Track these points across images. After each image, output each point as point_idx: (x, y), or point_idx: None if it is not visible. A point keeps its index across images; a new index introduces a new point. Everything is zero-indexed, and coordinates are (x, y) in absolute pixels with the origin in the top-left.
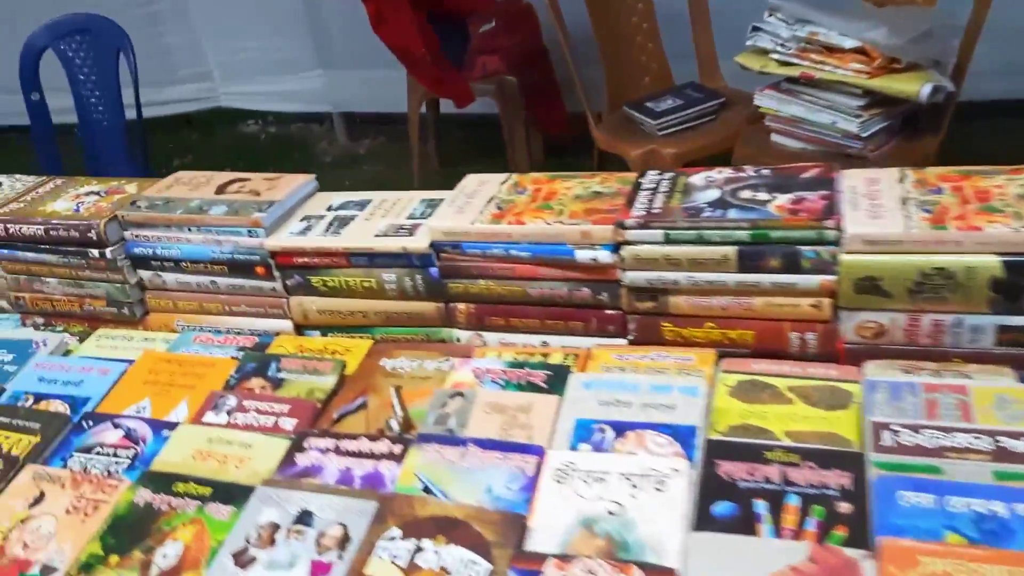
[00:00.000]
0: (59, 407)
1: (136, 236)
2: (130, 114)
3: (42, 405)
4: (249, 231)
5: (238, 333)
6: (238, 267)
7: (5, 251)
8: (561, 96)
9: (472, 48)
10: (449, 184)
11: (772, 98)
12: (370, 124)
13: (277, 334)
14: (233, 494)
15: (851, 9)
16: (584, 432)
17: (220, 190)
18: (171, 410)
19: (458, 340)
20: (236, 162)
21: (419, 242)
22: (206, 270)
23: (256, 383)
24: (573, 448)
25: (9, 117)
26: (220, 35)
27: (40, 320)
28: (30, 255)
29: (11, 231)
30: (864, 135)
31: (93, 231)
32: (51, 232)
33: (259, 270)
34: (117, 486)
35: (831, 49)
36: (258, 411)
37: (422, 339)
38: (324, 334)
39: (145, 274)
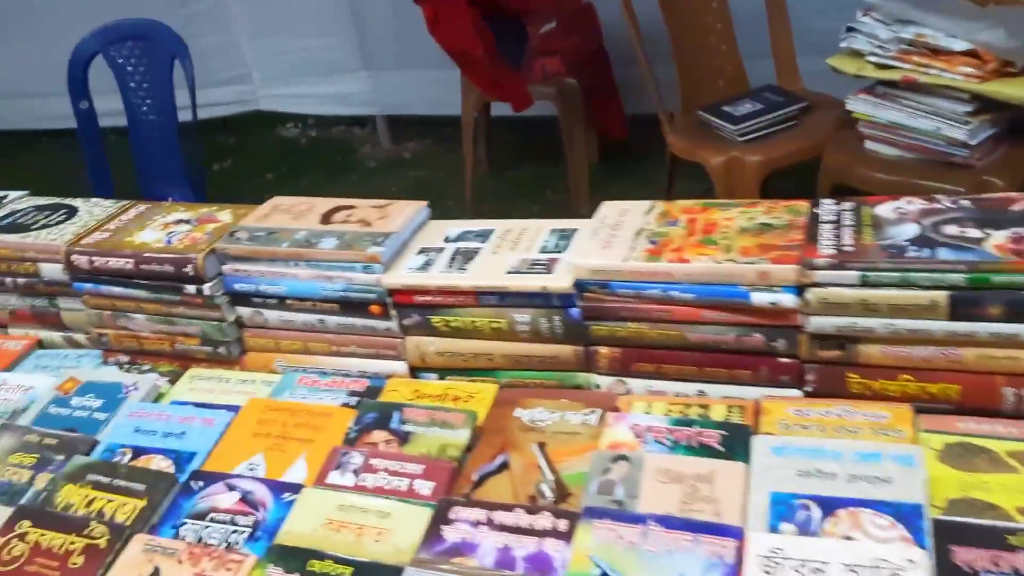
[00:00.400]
0: (162, 463)
1: (236, 271)
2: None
3: (142, 461)
4: (364, 267)
5: (346, 375)
6: (351, 305)
7: (88, 285)
8: (620, 98)
9: (530, 49)
10: (501, 187)
11: (866, 103)
12: (414, 127)
13: (389, 376)
14: None
15: (952, 9)
16: (785, 510)
17: (325, 219)
18: (288, 468)
19: (596, 386)
20: (277, 166)
21: (561, 280)
22: (314, 308)
23: (379, 436)
24: (774, 529)
25: (42, 121)
26: (260, 36)
27: (124, 358)
28: (116, 290)
29: (96, 264)
30: (972, 143)
31: (190, 265)
32: (142, 266)
33: (374, 309)
34: (243, 562)
35: (937, 51)
36: (388, 471)
37: (555, 384)
38: (441, 377)
39: (244, 311)
